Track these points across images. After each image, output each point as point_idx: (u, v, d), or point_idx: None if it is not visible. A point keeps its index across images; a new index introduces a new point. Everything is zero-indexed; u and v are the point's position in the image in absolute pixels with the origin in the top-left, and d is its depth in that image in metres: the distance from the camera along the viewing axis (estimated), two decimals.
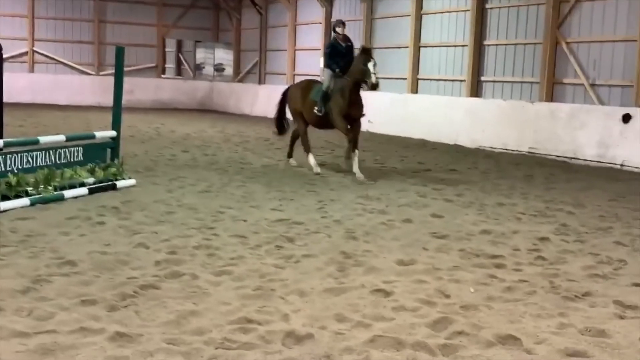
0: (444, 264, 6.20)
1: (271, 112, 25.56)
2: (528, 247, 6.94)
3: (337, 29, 11.89)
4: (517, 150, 15.93)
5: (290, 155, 12.73)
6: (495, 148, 16.46)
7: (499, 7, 18.12)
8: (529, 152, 15.63)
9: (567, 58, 16.24)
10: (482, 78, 18.65)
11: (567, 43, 16.23)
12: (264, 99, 27.19)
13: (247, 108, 27.84)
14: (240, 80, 30.75)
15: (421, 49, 20.82)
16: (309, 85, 12.43)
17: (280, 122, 13.10)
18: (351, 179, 11.12)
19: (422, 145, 17.45)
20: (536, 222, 8.25)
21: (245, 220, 7.77)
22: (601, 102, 15.35)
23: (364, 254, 6.45)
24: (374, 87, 10.91)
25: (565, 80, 16.39)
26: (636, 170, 13.25)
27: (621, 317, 4.93)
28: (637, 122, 13.79)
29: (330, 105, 11.50)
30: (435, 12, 20.29)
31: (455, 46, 19.51)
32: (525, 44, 17.43)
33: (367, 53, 11.20)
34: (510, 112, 16.74)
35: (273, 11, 28.69)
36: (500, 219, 8.38)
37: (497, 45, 18.26)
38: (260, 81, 29.40)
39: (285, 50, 27.58)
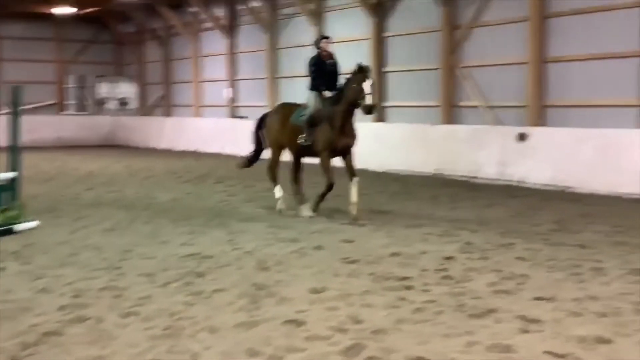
0: (355, 289, 6.26)
1: (178, 144, 25.65)
2: (435, 267, 7.11)
3: (321, 44, 10.27)
4: (422, 172, 16.32)
5: (301, 201, 10.63)
6: (402, 171, 16.81)
7: (397, 35, 18.66)
8: (434, 173, 16.05)
9: (464, 82, 16.87)
10: (386, 103, 19.10)
11: (463, 68, 16.87)
12: (170, 132, 26.89)
13: (153, 142, 27.40)
14: (146, 114, 30.29)
15: None
16: (288, 108, 10.80)
17: (256, 153, 11.25)
18: (263, 209, 11.09)
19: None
20: (442, 241, 8.46)
21: (153, 258, 7.61)
22: (498, 123, 15.99)
23: (276, 285, 6.44)
24: (370, 109, 9.53)
25: (464, 103, 17.00)
26: (533, 186, 13.83)
27: (525, 332, 5.10)
28: (532, 140, 14.43)
29: (317, 135, 10.00)
30: (336, 41, 20.60)
31: None
32: (424, 70, 18.00)
33: (363, 72, 9.65)
34: (414, 135, 17.18)
35: (176, 43, 28.52)
36: (408, 240, 8.54)
37: (397, 71, 18.77)
38: (166, 114, 29.07)
39: (191, 82, 27.41)
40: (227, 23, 25.22)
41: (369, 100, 9.45)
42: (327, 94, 10.02)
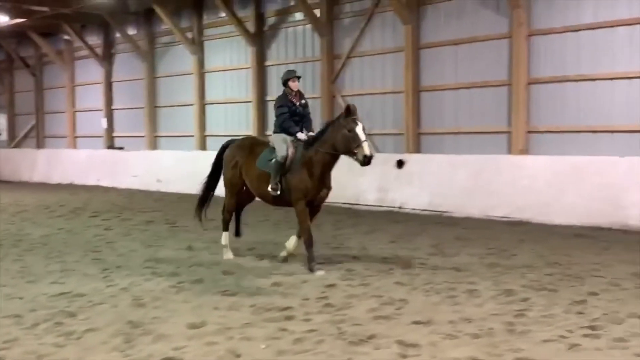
0: (235, 323, 6.12)
1: (52, 177, 24.56)
2: (317, 296, 7.09)
3: (290, 83, 8.93)
4: None
5: (237, 233, 9.70)
6: None
7: (278, 64, 18.79)
8: None
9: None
10: (268, 132, 19.13)
11: (343, 96, 17.19)
12: (43, 164, 25.71)
13: (25, 174, 26.09)
14: (17, 146, 28.84)
15: (206, 106, 20.95)
16: (253, 145, 9.31)
17: (203, 200, 9.95)
18: (140, 242, 10.74)
19: (214, 201, 17.36)
20: (325, 269, 8.47)
21: (21, 298, 7.17)
22: (377, 150, 16.34)
23: (153, 321, 6.20)
24: (367, 161, 8.04)
25: None
26: (412, 212, 14.19)
27: (403, 356, 5.16)
28: (409, 167, 14.84)
29: (290, 183, 8.58)
30: (217, 70, 20.58)
31: (239, 102, 19.88)
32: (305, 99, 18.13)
33: (352, 114, 8.23)
34: None
35: (48, 72, 27.45)
36: (290, 269, 8.50)
37: None
38: (39, 145, 27.82)
39: (64, 112, 26.42)
40: (103, 51, 24.55)
41: (366, 149, 8.05)
42: (302, 136, 8.71)
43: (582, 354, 5.18)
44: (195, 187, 18.84)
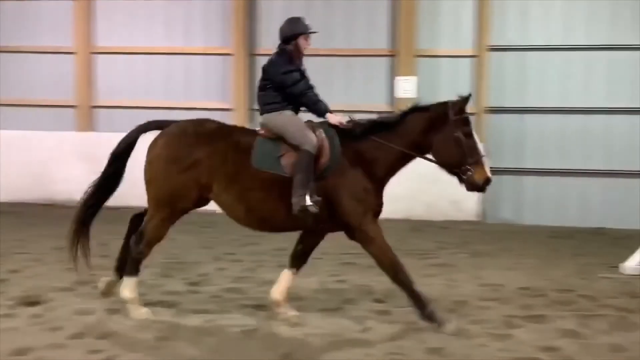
0: None
1: None
2: None
3: (301, 41, 5.66)
4: None
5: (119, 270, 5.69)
6: None
7: None
8: None
9: None
10: None
11: None
12: None
13: None
14: None
15: None
16: (226, 133, 5.59)
17: (82, 223, 5.70)
18: None
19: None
20: None
21: None
22: None
23: None
24: (484, 187, 5.37)
25: None
26: None
27: None
28: None
29: (337, 188, 5.36)
30: None
31: None
32: None
33: (463, 106, 5.46)
34: None
35: None
36: None
37: None
38: None
39: None
40: None
41: (488, 170, 5.36)
42: (336, 119, 5.55)
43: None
44: None
